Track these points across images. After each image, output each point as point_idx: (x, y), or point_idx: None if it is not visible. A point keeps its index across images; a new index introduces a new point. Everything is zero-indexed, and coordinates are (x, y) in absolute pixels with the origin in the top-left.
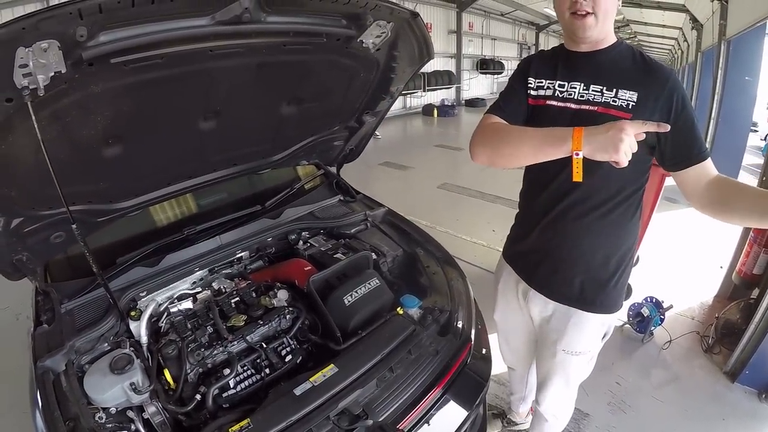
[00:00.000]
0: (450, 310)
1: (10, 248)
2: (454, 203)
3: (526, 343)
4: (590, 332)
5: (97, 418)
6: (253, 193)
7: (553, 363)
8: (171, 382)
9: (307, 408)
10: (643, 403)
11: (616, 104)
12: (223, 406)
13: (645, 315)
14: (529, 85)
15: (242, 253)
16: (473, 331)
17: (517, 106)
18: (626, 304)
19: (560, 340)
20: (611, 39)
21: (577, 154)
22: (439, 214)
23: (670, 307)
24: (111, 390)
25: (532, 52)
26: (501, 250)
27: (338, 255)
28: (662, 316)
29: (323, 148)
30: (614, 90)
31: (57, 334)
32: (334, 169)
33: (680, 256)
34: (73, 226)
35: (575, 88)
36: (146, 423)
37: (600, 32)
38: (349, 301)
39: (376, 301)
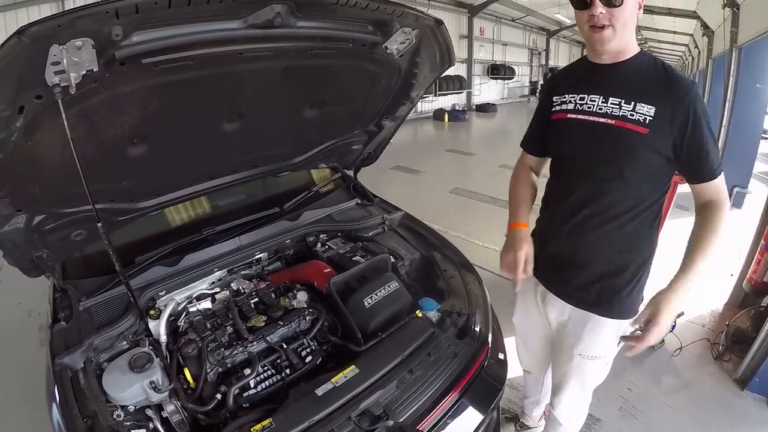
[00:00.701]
0: (468, 313)
1: (30, 245)
2: (466, 208)
3: (544, 346)
4: (606, 337)
5: (115, 416)
6: (271, 195)
7: (569, 367)
8: (191, 381)
9: (328, 408)
10: (654, 409)
11: (633, 118)
12: (243, 405)
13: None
14: (554, 103)
15: (261, 255)
16: (490, 335)
17: (537, 136)
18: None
19: (577, 344)
20: (633, 50)
21: None
22: (452, 219)
23: (681, 314)
24: (130, 388)
25: (543, 57)
26: None
27: (357, 258)
28: (673, 323)
29: (342, 152)
30: (632, 103)
31: (75, 332)
32: (351, 173)
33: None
34: (99, 224)
35: (594, 101)
36: (164, 422)
37: (619, 44)
38: (369, 303)
39: (395, 303)
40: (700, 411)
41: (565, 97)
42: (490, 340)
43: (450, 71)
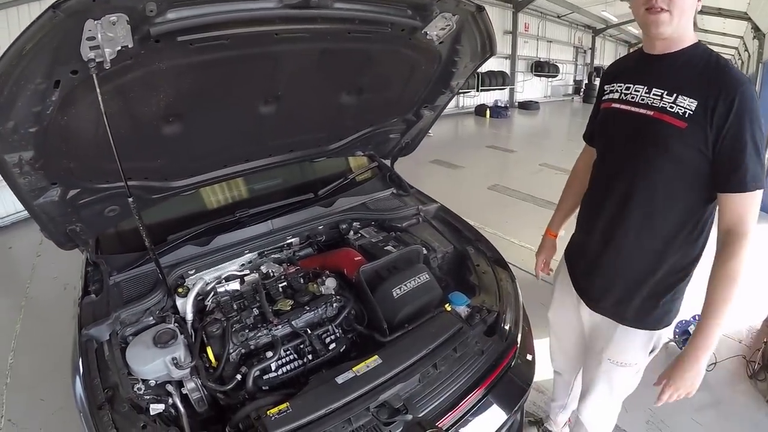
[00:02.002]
0: (498, 311)
1: (64, 218)
2: (504, 205)
3: (576, 345)
4: (637, 345)
5: (135, 389)
6: (306, 180)
7: (598, 371)
8: (213, 360)
9: (347, 397)
10: (682, 425)
11: (672, 111)
12: (263, 388)
13: (692, 333)
14: (605, 91)
15: (292, 239)
16: (519, 334)
17: (591, 126)
18: (673, 323)
19: (606, 348)
20: (688, 41)
21: None
22: (489, 215)
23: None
24: (153, 362)
25: (588, 56)
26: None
27: (389, 247)
28: None
29: (379, 140)
30: (674, 95)
31: (104, 305)
32: (388, 162)
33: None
34: (130, 199)
35: (638, 91)
36: (184, 398)
37: (675, 30)
38: (397, 294)
39: (424, 296)
40: (729, 430)
41: (614, 86)
42: (519, 339)
43: (493, 67)
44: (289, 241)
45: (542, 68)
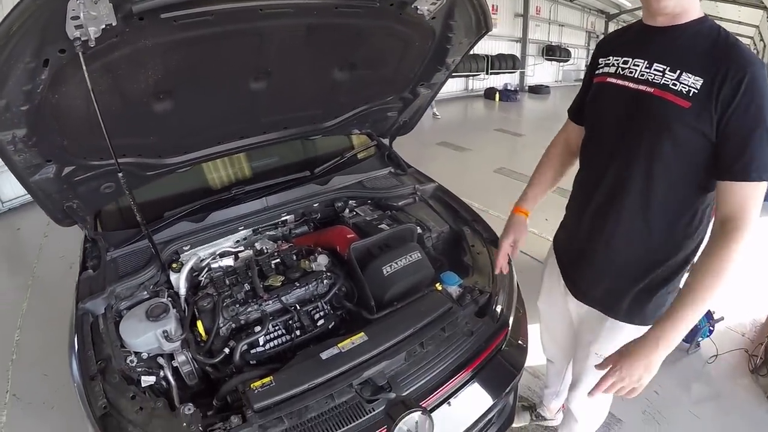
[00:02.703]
0: (490, 292)
1: (61, 195)
2: (509, 188)
3: (566, 336)
4: (625, 340)
5: (128, 361)
6: (302, 158)
7: (586, 364)
8: (203, 334)
9: (330, 373)
10: (679, 417)
11: (675, 88)
12: (250, 362)
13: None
14: (598, 65)
15: (287, 217)
16: (512, 317)
17: (579, 101)
18: None
19: (594, 342)
20: (694, 14)
21: None
22: (494, 198)
23: (721, 318)
24: (144, 335)
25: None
26: (551, 240)
27: (383, 225)
28: (711, 328)
29: (376, 118)
30: (678, 72)
31: (100, 280)
32: (386, 141)
33: (741, 267)
34: (120, 175)
35: (638, 65)
36: (175, 371)
37: (677, 4)
38: (387, 272)
39: (415, 274)
40: (728, 425)
41: (609, 59)
42: (511, 322)
43: (503, 50)
44: (284, 219)
45: (553, 52)
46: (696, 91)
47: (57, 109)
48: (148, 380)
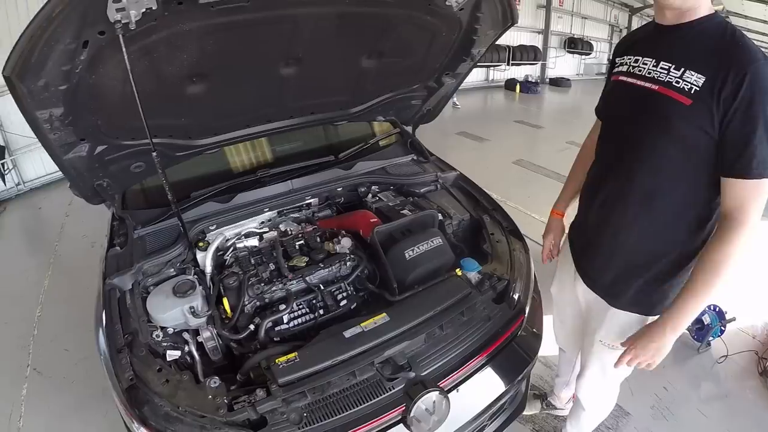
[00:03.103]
0: (508, 279)
1: (92, 173)
2: (527, 180)
3: (576, 324)
4: (629, 329)
5: (154, 336)
6: (327, 143)
7: (591, 351)
8: (228, 311)
9: (353, 351)
10: (687, 414)
11: (678, 86)
12: (274, 339)
13: (705, 323)
14: (615, 64)
15: (311, 200)
16: (528, 305)
17: (600, 104)
18: None
19: (599, 329)
20: (702, 12)
21: None
22: (511, 190)
23: (733, 319)
24: (171, 311)
25: (624, 34)
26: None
27: (405, 211)
28: (723, 328)
29: (401, 106)
30: (681, 69)
31: (128, 257)
32: (409, 129)
33: (755, 269)
34: (154, 154)
35: (646, 64)
36: (199, 346)
37: (684, 1)
38: (410, 256)
39: (436, 259)
40: (735, 426)
41: (623, 59)
42: (527, 310)
43: (525, 41)
44: (308, 201)
45: (575, 45)
46: (698, 89)
47: (93, 89)
48: (173, 354)
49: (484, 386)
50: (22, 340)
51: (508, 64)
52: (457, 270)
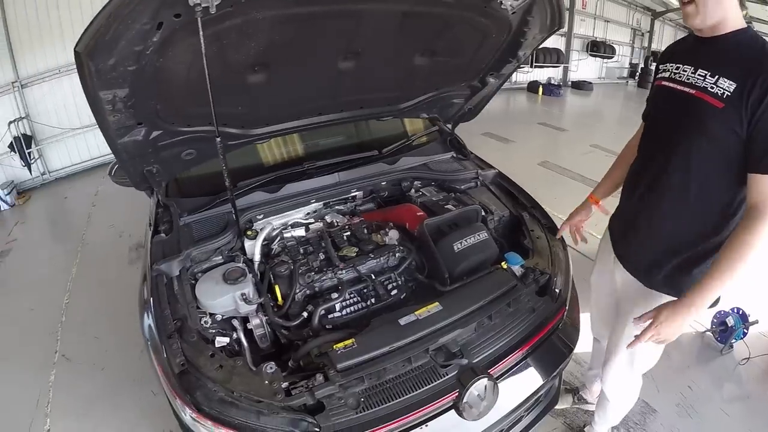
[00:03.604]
0: (550, 273)
1: (144, 158)
2: (553, 182)
3: (611, 308)
4: None
5: (202, 322)
6: (371, 138)
7: (621, 335)
8: (279, 298)
9: (409, 338)
10: (710, 413)
11: (712, 91)
12: (326, 327)
13: (729, 325)
14: (659, 70)
15: (356, 193)
16: (569, 298)
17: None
18: (712, 311)
19: (632, 311)
20: (733, 26)
21: None
22: (538, 191)
23: (756, 322)
24: (222, 297)
25: (646, 39)
26: (595, 234)
27: (449, 206)
28: (746, 330)
29: (444, 104)
30: (716, 76)
31: (173, 243)
32: (449, 127)
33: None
34: (218, 139)
35: (686, 71)
36: (247, 333)
37: (703, 21)
38: (458, 248)
39: (482, 252)
40: (757, 425)
41: (667, 66)
42: (568, 302)
43: (548, 43)
44: (353, 194)
45: (598, 48)
46: (729, 94)
47: (158, 72)
48: (221, 341)
49: (527, 375)
50: (51, 327)
51: (531, 66)
52: (503, 263)
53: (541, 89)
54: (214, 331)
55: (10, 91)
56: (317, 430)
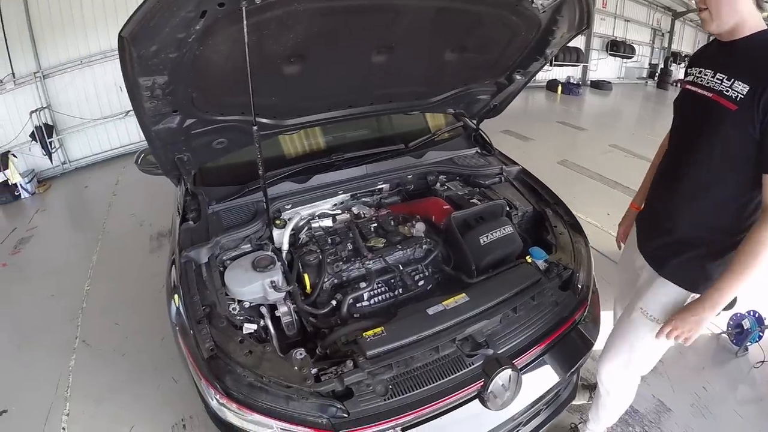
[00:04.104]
0: (572, 269)
1: (176, 146)
2: (572, 181)
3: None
4: (669, 301)
5: (231, 309)
6: (398, 132)
7: (627, 321)
8: (308, 287)
9: (437, 327)
10: (724, 414)
11: (728, 94)
12: (354, 315)
13: (744, 328)
14: (687, 74)
15: (383, 185)
16: (590, 293)
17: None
18: (728, 314)
19: (641, 297)
20: (751, 28)
21: None
22: (557, 189)
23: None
24: (251, 285)
25: (666, 40)
26: (613, 234)
27: (474, 200)
28: (761, 333)
29: (470, 100)
30: (732, 80)
31: (202, 231)
32: (473, 123)
33: None
34: (255, 127)
35: (707, 75)
36: (274, 321)
37: (719, 26)
38: (484, 242)
39: (507, 246)
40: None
41: (692, 70)
42: (589, 298)
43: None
44: (380, 187)
45: (618, 48)
46: (742, 97)
47: (198, 60)
48: (249, 328)
49: (549, 368)
50: (71, 313)
51: (550, 65)
52: (527, 257)
53: (560, 88)
54: (241, 318)
55: (32, 81)
56: (345, 415)
